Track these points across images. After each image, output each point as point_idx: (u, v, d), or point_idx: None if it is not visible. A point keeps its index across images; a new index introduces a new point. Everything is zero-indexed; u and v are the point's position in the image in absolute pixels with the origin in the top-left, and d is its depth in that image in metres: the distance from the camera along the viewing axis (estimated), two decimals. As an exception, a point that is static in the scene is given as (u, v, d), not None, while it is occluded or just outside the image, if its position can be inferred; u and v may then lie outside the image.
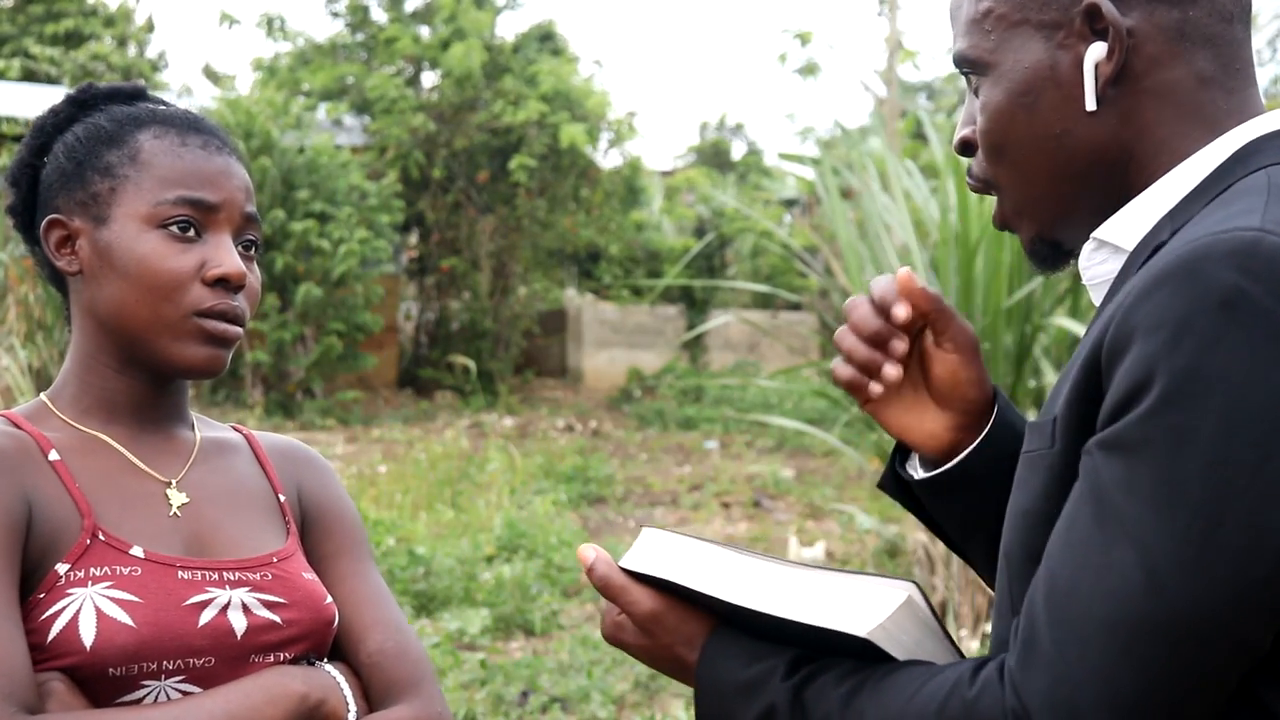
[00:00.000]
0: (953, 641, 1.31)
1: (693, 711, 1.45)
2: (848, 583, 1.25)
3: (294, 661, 1.62)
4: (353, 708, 1.60)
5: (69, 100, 1.72)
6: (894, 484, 1.56)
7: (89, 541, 1.55)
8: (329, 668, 1.63)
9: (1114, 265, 1.32)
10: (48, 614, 1.50)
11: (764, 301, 20.27)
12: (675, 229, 21.22)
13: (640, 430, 15.21)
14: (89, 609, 1.50)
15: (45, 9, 23.04)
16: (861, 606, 1.23)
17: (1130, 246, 1.29)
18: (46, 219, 1.65)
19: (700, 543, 1.34)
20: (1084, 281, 1.37)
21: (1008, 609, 1.26)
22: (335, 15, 18.81)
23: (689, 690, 6.20)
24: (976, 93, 1.38)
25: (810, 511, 9.25)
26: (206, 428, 1.77)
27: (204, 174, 1.65)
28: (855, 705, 1.23)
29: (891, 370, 1.44)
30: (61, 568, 1.52)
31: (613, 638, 1.41)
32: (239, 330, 1.66)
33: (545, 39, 18.46)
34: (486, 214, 17.76)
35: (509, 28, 29.41)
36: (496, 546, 8.25)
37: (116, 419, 1.67)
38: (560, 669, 6.01)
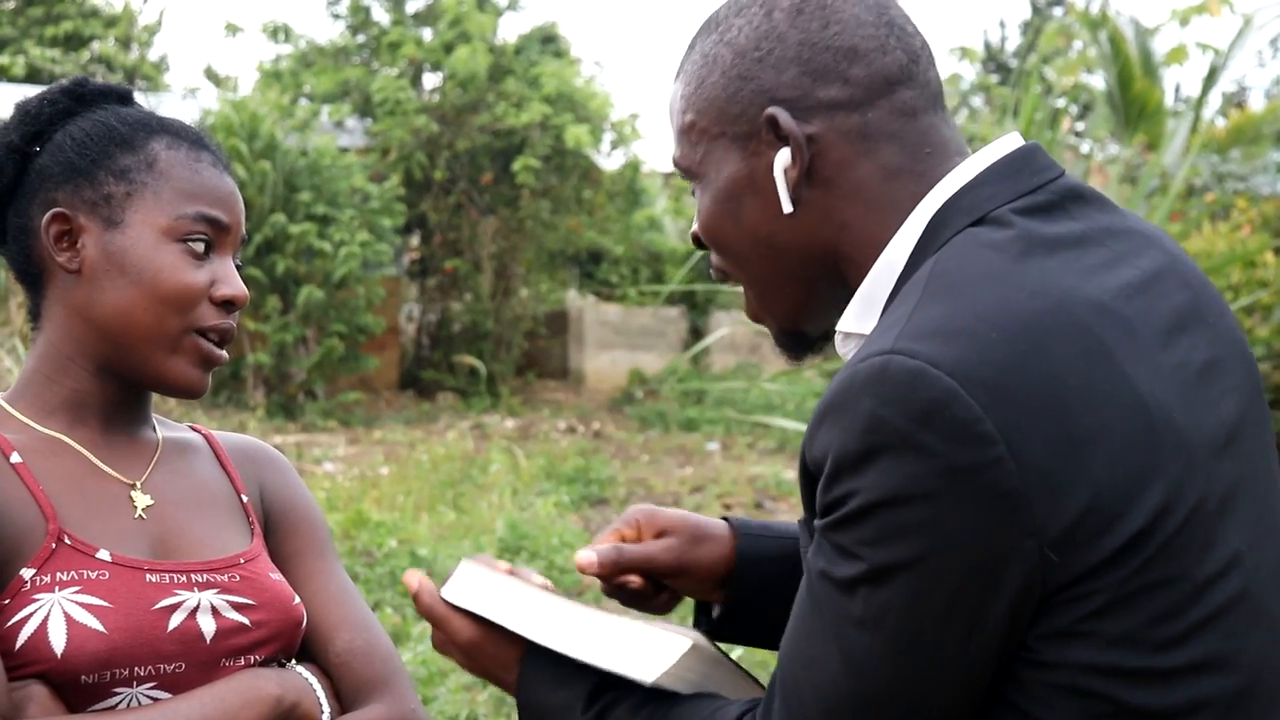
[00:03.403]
0: (747, 672, 1.47)
1: None
2: (638, 630, 1.37)
3: (264, 664, 1.61)
4: (326, 709, 1.59)
5: (64, 91, 1.68)
6: (707, 625, 1.69)
7: (54, 545, 1.52)
8: (300, 669, 1.62)
9: None
10: (13, 620, 1.47)
11: (766, 303, 20.21)
12: (678, 231, 21.19)
13: (642, 432, 15.19)
14: (58, 615, 1.48)
15: (45, 11, 23.06)
16: (647, 653, 1.35)
17: (868, 331, 1.35)
18: (51, 212, 1.62)
19: (509, 581, 1.47)
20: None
21: None
22: (337, 17, 18.81)
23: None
24: (694, 194, 1.45)
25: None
26: (167, 429, 1.75)
27: (218, 194, 1.65)
28: None
29: (633, 581, 1.62)
30: (27, 573, 1.50)
31: (441, 652, 1.52)
32: (226, 356, 1.66)
33: (548, 41, 18.44)
34: (488, 215, 17.75)
35: (511, 30, 29.43)
36: (499, 548, 8.24)
37: (82, 421, 1.64)
38: (562, 670, 6.00)
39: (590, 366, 19.45)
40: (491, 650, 1.47)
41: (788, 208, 1.35)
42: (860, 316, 1.36)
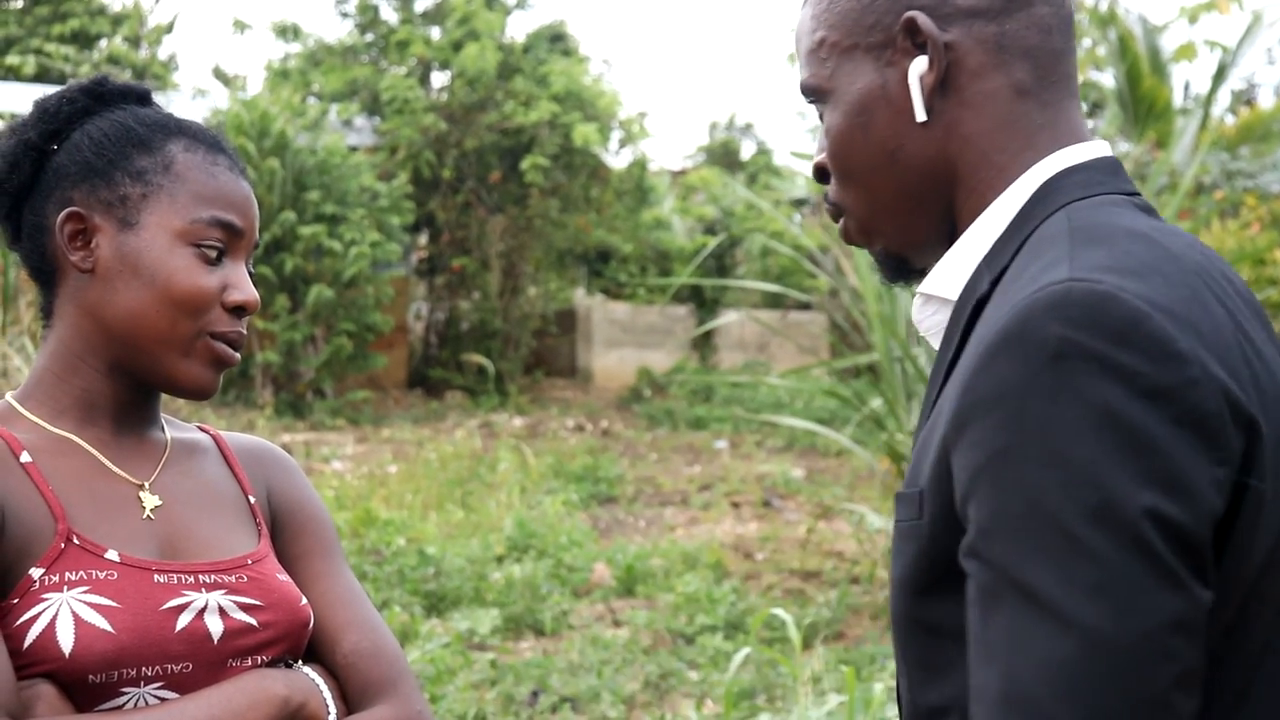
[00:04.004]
0: None
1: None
2: None
3: (271, 664, 1.60)
4: (332, 710, 1.59)
5: (83, 90, 1.68)
6: None
7: (63, 545, 1.52)
8: (307, 670, 1.62)
9: (943, 316, 1.37)
10: (22, 619, 1.47)
11: (774, 301, 20.24)
12: (685, 230, 21.20)
13: (650, 430, 15.19)
14: (66, 615, 1.48)
15: (52, 9, 23.09)
16: None
17: (954, 296, 1.34)
18: (66, 211, 1.61)
19: None
20: (920, 333, 1.43)
21: (903, 671, 1.30)
22: (345, 16, 18.83)
23: (699, 690, 6.22)
24: (822, 119, 1.43)
25: (821, 511, 9.24)
26: (175, 429, 1.74)
27: (233, 199, 1.65)
28: None
29: None
30: (36, 572, 1.50)
31: None
32: (238, 357, 1.66)
33: (556, 39, 18.45)
34: (496, 214, 17.76)
35: (520, 28, 29.44)
36: (507, 546, 8.25)
37: (93, 421, 1.64)
38: (570, 669, 6.01)
39: (598, 365, 19.45)
40: None
41: (921, 116, 1.34)
42: (948, 277, 1.35)
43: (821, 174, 1.45)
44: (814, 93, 1.42)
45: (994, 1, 1.34)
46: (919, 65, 1.33)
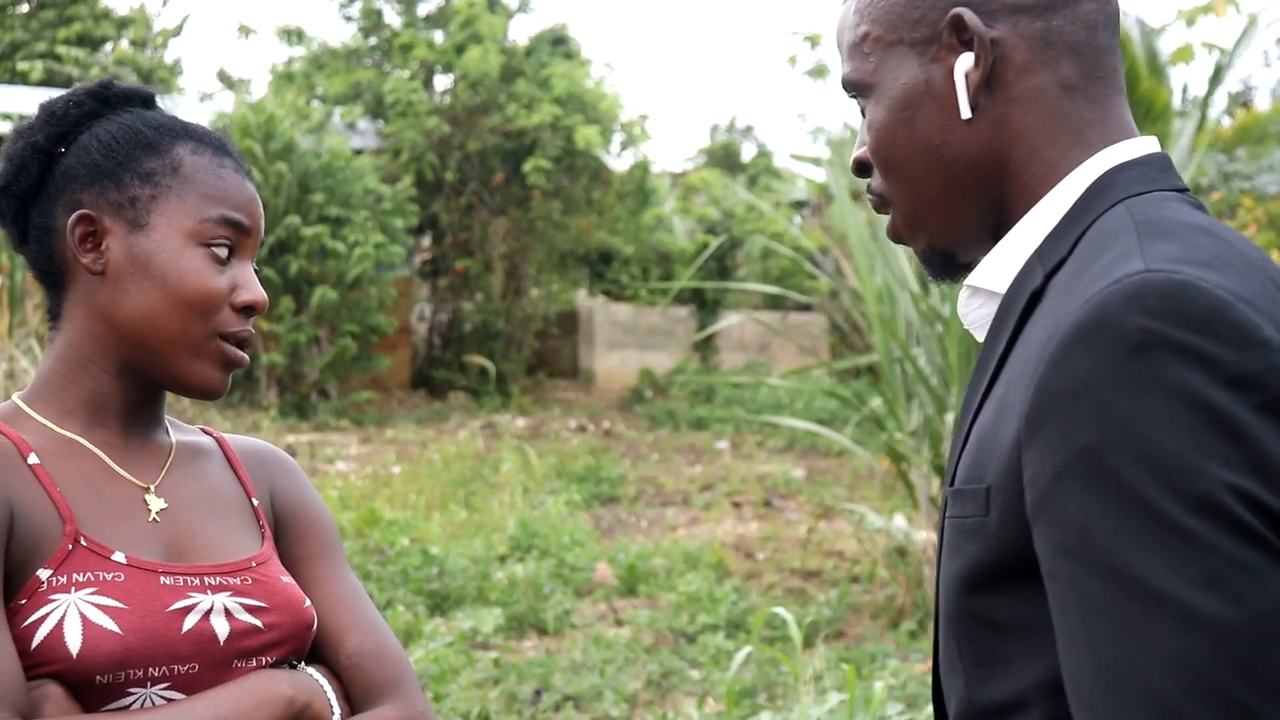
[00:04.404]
0: None
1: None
2: None
3: (276, 665, 1.61)
4: (336, 710, 1.59)
5: (89, 93, 1.67)
6: None
7: (71, 547, 1.52)
8: (311, 671, 1.62)
9: (990, 309, 1.35)
10: (30, 620, 1.47)
11: (774, 303, 20.25)
12: (686, 231, 21.20)
13: (652, 430, 15.20)
14: (74, 616, 1.48)
15: (58, 13, 23.09)
16: None
17: (1002, 289, 1.32)
18: (77, 213, 1.61)
19: None
20: (965, 326, 1.41)
21: (959, 667, 1.27)
22: (349, 19, 18.84)
23: (701, 688, 6.21)
24: (864, 114, 1.42)
25: (821, 511, 9.23)
26: (179, 431, 1.74)
27: (241, 199, 1.65)
28: None
29: None
30: (44, 573, 1.49)
31: None
32: (247, 358, 1.66)
33: (558, 42, 18.46)
34: (499, 216, 17.77)
35: (522, 31, 29.45)
36: (509, 546, 8.25)
37: (100, 423, 1.63)
38: (573, 667, 6.01)
39: (600, 366, 19.46)
40: None
41: (967, 113, 1.32)
42: (998, 270, 1.34)
43: (861, 168, 1.44)
44: (856, 87, 1.41)
45: None
46: (965, 62, 1.32)
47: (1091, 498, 1.10)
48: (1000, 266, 1.34)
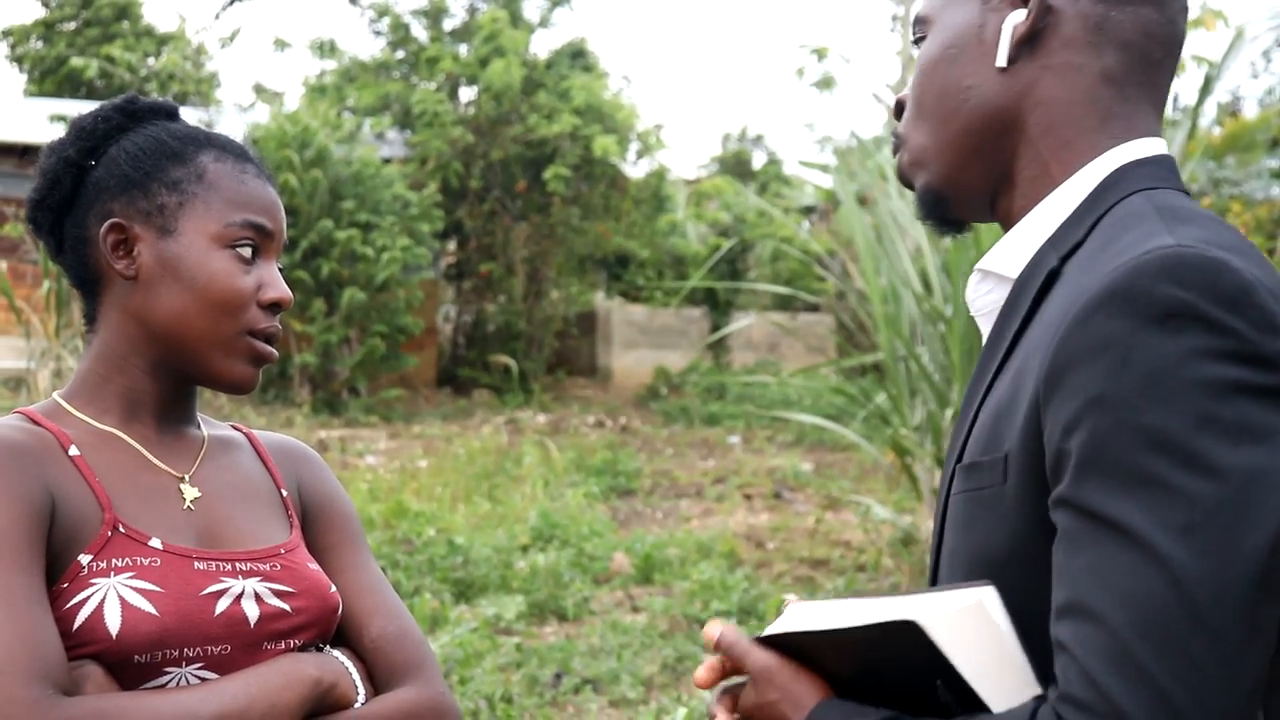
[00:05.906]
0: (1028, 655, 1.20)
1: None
2: (930, 592, 1.18)
3: (303, 648, 1.62)
4: (361, 691, 1.60)
5: (116, 108, 1.69)
6: None
7: (110, 533, 1.53)
8: (337, 653, 1.63)
9: (999, 295, 1.33)
10: (71, 603, 1.48)
11: (784, 303, 20.24)
12: (699, 235, 21.20)
13: (667, 426, 15.20)
14: (113, 598, 1.49)
15: (102, 31, 23.18)
16: (928, 605, 1.15)
17: (1014, 274, 1.30)
18: (109, 222, 1.62)
19: (837, 602, 1.27)
20: (972, 313, 1.38)
21: None
22: (379, 34, 18.87)
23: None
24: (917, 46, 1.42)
25: (829, 503, 9.22)
26: (210, 426, 1.76)
27: (263, 202, 1.66)
28: None
29: None
30: (84, 558, 1.51)
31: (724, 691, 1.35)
32: (276, 353, 1.67)
33: (577, 56, 18.47)
34: (521, 221, 17.80)
35: (543, 45, 29.48)
36: (531, 536, 8.25)
37: (136, 417, 1.65)
38: (591, 652, 6.01)
39: (617, 364, 19.47)
40: (785, 682, 1.27)
41: (1002, 62, 1.32)
42: (1010, 255, 1.32)
43: (901, 109, 1.43)
44: (922, 22, 1.41)
45: None
46: (1017, 16, 1.31)
47: (1095, 439, 1.10)
48: (1013, 252, 1.32)
